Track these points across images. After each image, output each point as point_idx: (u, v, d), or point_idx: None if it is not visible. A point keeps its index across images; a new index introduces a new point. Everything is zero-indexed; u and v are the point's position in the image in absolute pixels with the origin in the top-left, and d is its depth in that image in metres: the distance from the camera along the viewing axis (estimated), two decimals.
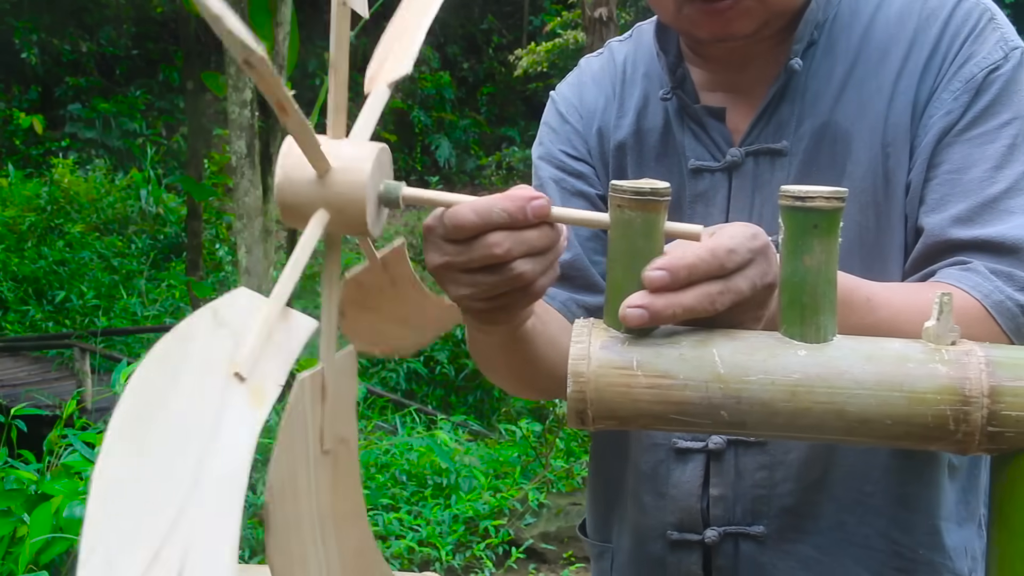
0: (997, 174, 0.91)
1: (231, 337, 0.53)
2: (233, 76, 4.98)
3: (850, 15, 0.99)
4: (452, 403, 8.89)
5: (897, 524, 0.98)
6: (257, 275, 5.55)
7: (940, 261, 0.92)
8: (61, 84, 15.19)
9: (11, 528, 2.50)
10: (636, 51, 1.11)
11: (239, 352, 0.52)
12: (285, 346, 0.55)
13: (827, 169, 0.96)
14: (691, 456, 1.02)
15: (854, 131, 0.96)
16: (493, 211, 0.66)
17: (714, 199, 1.01)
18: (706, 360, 0.65)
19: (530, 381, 0.98)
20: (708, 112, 1.01)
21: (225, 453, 0.47)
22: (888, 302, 0.84)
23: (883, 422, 0.64)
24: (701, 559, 1.02)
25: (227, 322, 0.53)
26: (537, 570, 4.50)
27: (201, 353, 0.51)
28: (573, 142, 1.10)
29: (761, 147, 0.99)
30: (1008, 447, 0.65)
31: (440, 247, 0.70)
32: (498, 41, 16.84)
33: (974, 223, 0.90)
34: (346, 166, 0.65)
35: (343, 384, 0.71)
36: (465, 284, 0.71)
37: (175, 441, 0.46)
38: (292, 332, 0.56)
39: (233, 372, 0.51)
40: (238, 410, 0.49)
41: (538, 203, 0.67)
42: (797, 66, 0.97)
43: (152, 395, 0.48)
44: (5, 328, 10.39)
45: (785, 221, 0.65)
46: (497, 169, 15.26)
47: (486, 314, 0.76)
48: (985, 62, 0.93)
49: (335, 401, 0.69)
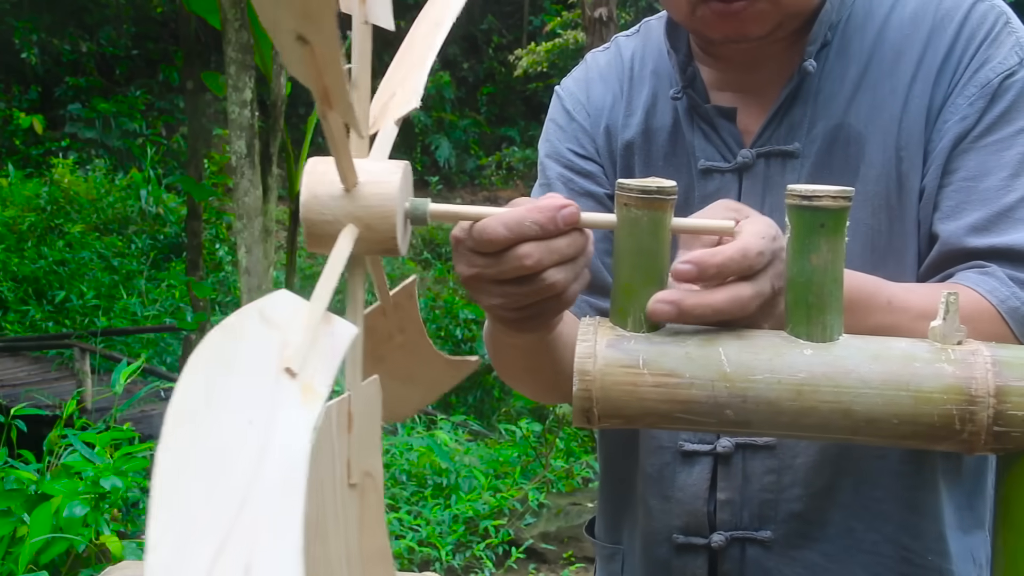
0: (1013, 182, 0.90)
1: (279, 335, 0.52)
2: (233, 76, 4.98)
3: (864, 16, 0.98)
4: (452, 403, 8.89)
5: (906, 530, 0.98)
6: (257, 275, 5.54)
7: (956, 266, 0.91)
8: (61, 84, 15.19)
9: (11, 528, 2.50)
10: (644, 47, 1.09)
11: (287, 350, 0.51)
12: (330, 349, 0.54)
13: (840, 172, 0.96)
14: (698, 459, 1.01)
15: (867, 133, 0.95)
16: (524, 224, 0.66)
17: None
18: (712, 359, 0.65)
19: (553, 385, 0.98)
20: (719, 112, 1.00)
21: (283, 450, 0.46)
22: (907, 304, 0.84)
23: (889, 421, 0.64)
24: (707, 563, 1.01)
25: (274, 321, 0.53)
26: (537, 570, 4.50)
27: (251, 349, 0.51)
28: (581, 140, 1.09)
29: (773, 149, 0.98)
30: (1014, 447, 0.65)
31: (469, 259, 0.70)
32: (498, 41, 16.84)
33: (990, 231, 0.90)
34: (374, 179, 0.64)
35: (368, 414, 0.70)
36: (496, 295, 0.71)
37: (233, 437, 0.46)
38: (336, 336, 0.56)
39: (284, 368, 0.50)
40: (292, 406, 0.49)
41: (568, 211, 0.67)
42: (811, 68, 0.96)
43: (206, 389, 0.47)
44: (5, 328, 10.39)
45: (792, 220, 0.65)
46: (497, 169, 15.27)
47: (518, 323, 0.76)
48: (1001, 67, 0.92)
49: (360, 431, 0.67)
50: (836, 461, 0.97)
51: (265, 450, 0.45)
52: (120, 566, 1.03)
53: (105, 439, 2.92)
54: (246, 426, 0.46)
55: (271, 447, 0.46)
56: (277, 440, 0.46)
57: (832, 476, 0.97)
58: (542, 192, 1.08)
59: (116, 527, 2.73)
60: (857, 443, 0.67)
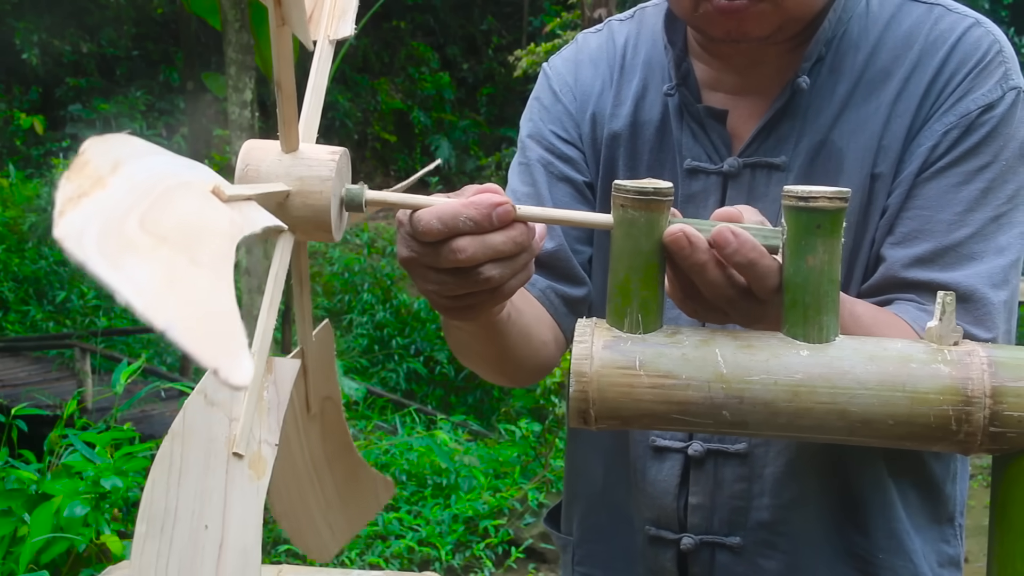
0: (966, 217, 0.91)
1: (224, 414, 0.58)
2: (233, 77, 4.98)
3: (859, 33, 0.98)
4: (452, 403, 8.88)
5: (866, 535, 0.99)
6: (257, 275, 5.54)
7: (895, 293, 0.92)
8: (62, 85, 15.18)
9: (11, 528, 2.50)
10: (638, 34, 1.08)
11: (233, 428, 0.58)
12: (275, 403, 0.61)
13: (819, 185, 0.96)
14: (668, 455, 1.02)
15: (848, 150, 0.96)
16: (458, 219, 0.67)
17: (706, 202, 1.00)
18: (709, 360, 0.65)
19: (501, 369, 0.99)
20: (710, 113, 1.00)
21: (238, 531, 0.54)
22: (861, 321, 0.85)
23: (885, 422, 0.64)
24: (675, 559, 1.02)
25: (217, 401, 0.58)
26: (536, 570, 4.50)
27: (201, 445, 0.57)
28: (564, 124, 1.08)
29: (760, 160, 0.98)
30: (1010, 447, 0.65)
31: (408, 243, 0.71)
32: (498, 42, 16.83)
33: (934, 265, 0.91)
34: (306, 189, 0.66)
35: (322, 355, 0.77)
36: (432, 281, 0.72)
37: (193, 546, 0.53)
38: (279, 384, 0.62)
39: (232, 452, 0.56)
40: (242, 488, 0.56)
41: (503, 209, 0.67)
42: (804, 84, 0.96)
43: (166, 501, 0.54)
44: (6, 328, 10.39)
45: (788, 221, 0.65)
46: (497, 169, 15.24)
47: (453, 311, 0.77)
48: (983, 100, 0.92)
49: (316, 371, 0.75)
50: (804, 472, 0.98)
51: (222, 547, 0.54)
52: (120, 566, 1.03)
53: (105, 439, 2.91)
54: (203, 532, 0.54)
55: (226, 543, 0.54)
56: (230, 536, 0.54)
57: (799, 487, 0.98)
58: (521, 171, 1.08)
59: (117, 527, 2.73)
60: (853, 444, 0.68)
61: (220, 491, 0.55)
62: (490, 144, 16.20)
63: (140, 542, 0.53)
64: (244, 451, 0.56)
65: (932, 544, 1.02)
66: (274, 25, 0.65)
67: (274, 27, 0.65)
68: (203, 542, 0.53)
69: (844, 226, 0.66)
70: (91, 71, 15.49)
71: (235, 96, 5.40)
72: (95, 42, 15.58)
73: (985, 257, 0.91)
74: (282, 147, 0.67)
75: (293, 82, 0.67)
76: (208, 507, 0.54)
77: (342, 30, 0.77)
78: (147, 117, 15.07)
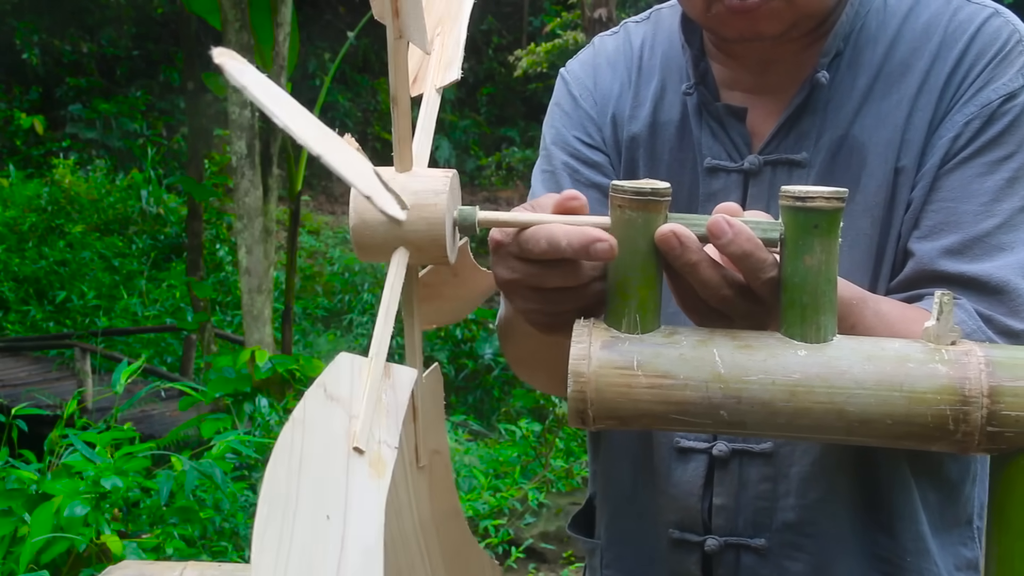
0: (993, 207, 0.90)
1: (343, 410, 0.57)
2: None
3: (877, 26, 0.97)
4: (452, 403, 8.89)
5: (892, 536, 0.98)
6: (257, 275, 5.55)
7: (925, 287, 0.92)
8: (62, 85, 15.18)
9: (12, 528, 2.50)
10: (655, 36, 1.08)
11: (354, 425, 0.56)
12: (393, 406, 0.59)
13: (842, 182, 0.95)
14: (692, 456, 1.01)
15: (870, 144, 0.95)
16: (562, 244, 0.67)
17: (727, 200, 1.00)
18: (706, 360, 0.65)
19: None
20: (729, 111, 1.00)
21: (360, 528, 0.52)
22: (888, 318, 0.84)
23: (883, 422, 0.64)
24: (700, 561, 1.01)
25: (337, 396, 0.58)
26: (537, 570, 4.50)
27: (320, 439, 0.56)
28: (587, 128, 1.07)
29: (781, 157, 0.98)
30: (1008, 447, 0.65)
31: (510, 265, 0.71)
32: (498, 42, 16.82)
33: (964, 256, 0.90)
34: (421, 202, 0.66)
35: (431, 401, 0.75)
36: (534, 300, 0.73)
37: (314, 535, 0.52)
38: (397, 389, 0.61)
39: (352, 447, 0.55)
40: (363, 489, 0.54)
41: (602, 246, 0.67)
42: (824, 79, 0.96)
43: (287, 489, 0.53)
44: (6, 328, 10.40)
45: (786, 221, 0.66)
46: (497, 169, 15.25)
47: (550, 326, 0.76)
48: (1004, 89, 0.92)
49: (426, 418, 0.71)
50: (830, 470, 0.97)
51: (344, 541, 0.52)
52: (120, 566, 1.03)
53: (106, 439, 2.92)
54: (325, 523, 0.52)
55: (348, 538, 0.52)
56: (352, 531, 0.52)
57: (825, 486, 0.97)
58: (546, 178, 1.07)
59: (117, 527, 2.73)
60: (852, 444, 0.68)
61: (341, 484, 0.54)
62: (490, 144, 16.19)
63: (263, 524, 0.51)
64: (364, 447, 0.55)
65: (950, 547, 1.00)
66: (392, 38, 0.64)
67: (391, 39, 0.64)
68: (325, 532, 0.52)
69: (842, 226, 0.66)
70: (91, 71, 15.49)
71: (235, 96, 5.40)
72: (95, 42, 15.59)
73: (1015, 247, 0.90)
74: (396, 167, 0.67)
75: (408, 98, 0.67)
76: (329, 498, 0.53)
77: (448, 77, 0.78)
78: (147, 117, 15.08)
